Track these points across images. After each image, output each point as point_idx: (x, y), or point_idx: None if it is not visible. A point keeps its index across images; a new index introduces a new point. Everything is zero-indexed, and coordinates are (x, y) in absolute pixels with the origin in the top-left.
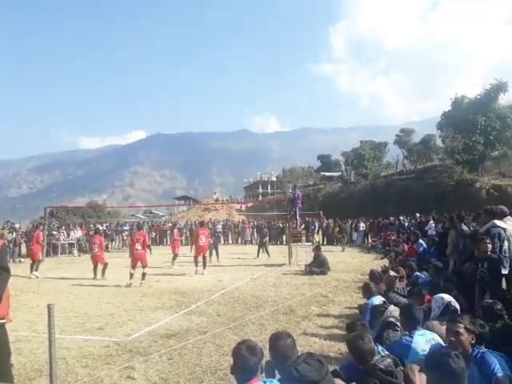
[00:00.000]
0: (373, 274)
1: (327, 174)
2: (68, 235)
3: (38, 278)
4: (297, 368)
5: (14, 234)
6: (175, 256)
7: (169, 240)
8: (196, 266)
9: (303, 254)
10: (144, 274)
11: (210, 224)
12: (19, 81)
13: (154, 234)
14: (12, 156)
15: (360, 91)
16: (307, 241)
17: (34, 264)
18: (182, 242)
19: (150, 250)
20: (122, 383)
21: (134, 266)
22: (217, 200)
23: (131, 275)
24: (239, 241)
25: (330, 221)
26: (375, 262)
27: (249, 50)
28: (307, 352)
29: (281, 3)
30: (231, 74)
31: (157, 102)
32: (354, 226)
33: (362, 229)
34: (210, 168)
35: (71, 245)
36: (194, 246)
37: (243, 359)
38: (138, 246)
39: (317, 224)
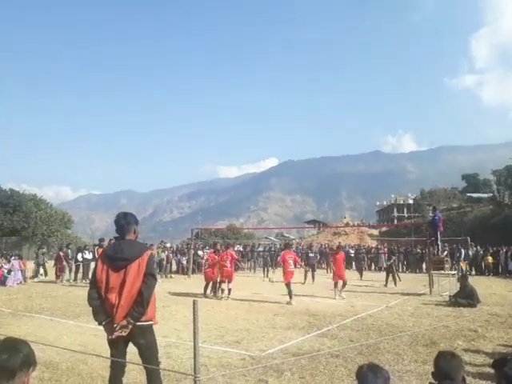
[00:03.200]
0: None
1: (474, 195)
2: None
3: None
4: None
5: (166, 253)
6: (336, 284)
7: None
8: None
9: (446, 283)
10: (230, 290)
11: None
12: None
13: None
14: (166, 186)
15: (510, 102)
16: (451, 269)
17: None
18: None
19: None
20: None
21: (222, 281)
22: (347, 224)
23: (222, 290)
24: (372, 267)
25: (479, 248)
26: None
27: (377, 66)
28: None
29: (412, 19)
30: (359, 92)
31: (288, 130)
32: (510, 254)
33: None
34: (340, 192)
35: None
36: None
37: (365, 380)
38: (227, 264)
39: (463, 251)
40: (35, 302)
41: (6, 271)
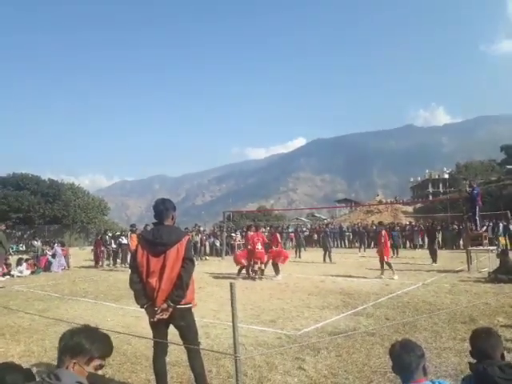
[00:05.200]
0: None
1: None
2: (242, 236)
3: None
4: (486, 368)
5: (200, 236)
6: (389, 265)
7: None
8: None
9: (485, 259)
10: (263, 270)
11: (373, 226)
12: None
13: (316, 236)
14: (196, 169)
15: None
16: (490, 244)
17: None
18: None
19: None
20: (294, 372)
21: (255, 263)
22: (380, 202)
23: (255, 271)
24: (407, 245)
25: None
26: None
27: (408, 39)
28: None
29: None
30: (388, 65)
31: (315, 107)
32: None
33: None
34: (371, 169)
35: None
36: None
37: (399, 357)
38: (259, 246)
39: (501, 225)
40: (79, 286)
41: (50, 256)
